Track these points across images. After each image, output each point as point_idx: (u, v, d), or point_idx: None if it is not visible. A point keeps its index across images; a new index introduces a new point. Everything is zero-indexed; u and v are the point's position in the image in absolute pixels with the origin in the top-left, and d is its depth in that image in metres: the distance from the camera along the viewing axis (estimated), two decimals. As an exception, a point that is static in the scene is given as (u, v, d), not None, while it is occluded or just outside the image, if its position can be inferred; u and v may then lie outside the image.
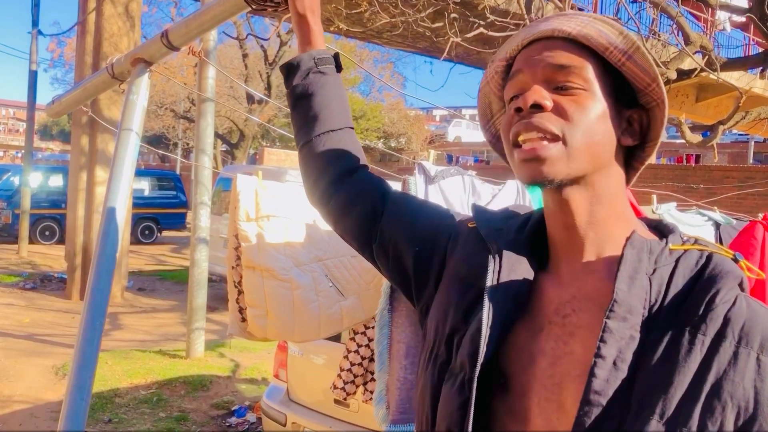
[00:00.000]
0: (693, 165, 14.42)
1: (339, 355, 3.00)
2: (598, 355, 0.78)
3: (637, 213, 2.76)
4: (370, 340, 2.85)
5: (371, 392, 2.88)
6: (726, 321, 0.77)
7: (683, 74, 6.77)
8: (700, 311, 0.78)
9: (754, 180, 11.72)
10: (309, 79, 1.17)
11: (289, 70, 1.19)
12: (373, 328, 2.85)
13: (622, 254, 0.83)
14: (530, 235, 0.96)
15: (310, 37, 1.19)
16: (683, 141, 6.70)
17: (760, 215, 3.09)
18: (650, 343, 0.78)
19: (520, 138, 0.86)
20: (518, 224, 0.98)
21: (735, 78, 11.11)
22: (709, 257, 0.83)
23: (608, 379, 0.77)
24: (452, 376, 0.88)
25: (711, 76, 6.48)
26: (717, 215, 3.65)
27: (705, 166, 14.60)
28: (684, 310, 0.79)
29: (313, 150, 1.16)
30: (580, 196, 0.88)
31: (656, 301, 0.81)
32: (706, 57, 6.63)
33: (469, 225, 1.03)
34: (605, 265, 0.87)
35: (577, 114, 0.86)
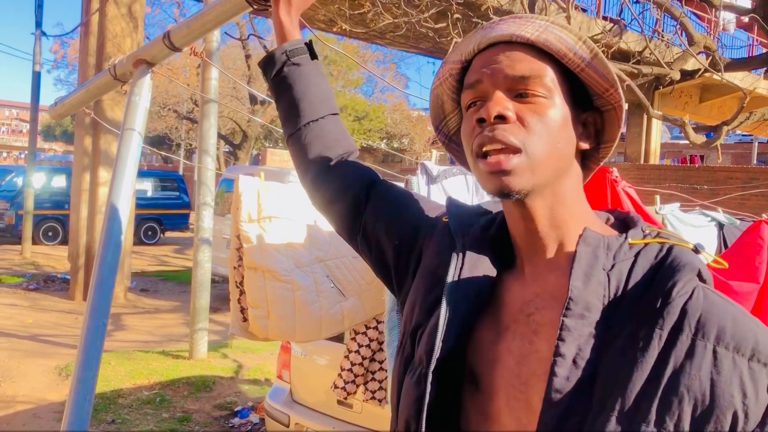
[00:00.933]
0: (697, 166, 14.40)
1: (342, 356, 3.00)
2: (557, 354, 0.78)
3: (643, 213, 2.74)
4: (371, 340, 2.86)
5: (372, 392, 2.88)
6: (683, 313, 0.77)
7: (687, 75, 6.76)
8: (658, 304, 0.78)
9: (758, 181, 11.68)
10: (284, 73, 1.18)
11: (266, 65, 1.21)
12: (373, 328, 2.86)
13: (575, 252, 0.83)
14: (496, 233, 0.96)
15: (282, 30, 1.21)
16: (687, 142, 6.68)
17: (765, 215, 3.08)
18: (609, 339, 0.78)
19: (485, 149, 0.86)
20: (486, 222, 0.98)
21: (739, 78, 11.09)
22: (669, 249, 0.83)
23: (569, 377, 0.77)
24: (412, 370, 0.90)
25: (715, 76, 6.47)
26: (720, 215, 3.64)
27: (709, 166, 14.58)
28: (642, 304, 0.79)
29: (298, 142, 1.18)
30: (542, 203, 0.88)
31: (615, 296, 0.81)
32: (710, 57, 6.62)
33: (444, 219, 1.04)
34: (566, 262, 0.87)
35: (538, 124, 0.85)
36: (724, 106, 15.44)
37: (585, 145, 0.92)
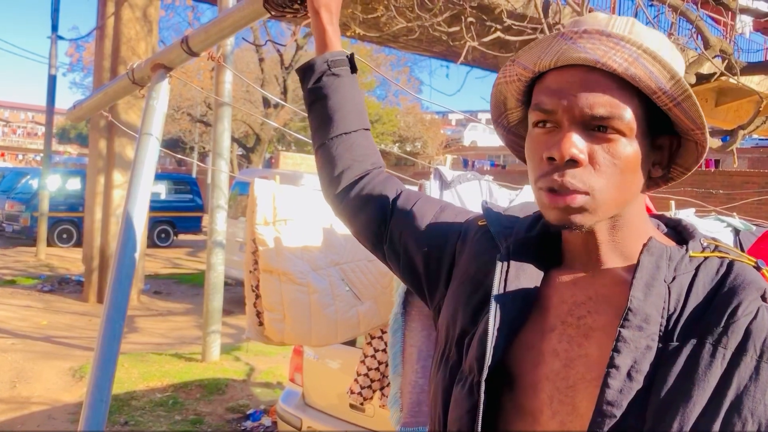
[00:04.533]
0: (712, 170, 14.26)
1: (355, 360, 3.00)
2: (611, 365, 0.76)
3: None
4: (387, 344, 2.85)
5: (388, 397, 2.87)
6: (747, 334, 0.74)
7: (702, 78, 6.71)
8: (722, 323, 0.75)
9: (774, 185, 11.57)
10: (323, 82, 1.18)
11: (305, 72, 1.21)
12: (389, 332, 2.85)
13: (639, 261, 0.81)
14: (541, 232, 0.94)
15: (325, 38, 1.20)
16: (702, 146, 6.60)
17: (782, 221, 3.04)
18: (668, 354, 0.76)
19: (551, 188, 0.83)
20: (528, 222, 0.97)
21: (755, 82, 11.00)
22: (731, 265, 0.81)
23: (622, 390, 0.75)
24: (462, 379, 0.88)
25: (731, 80, 6.42)
26: (736, 221, 3.60)
27: (725, 171, 14.43)
28: (705, 321, 0.76)
29: (327, 152, 1.18)
30: (603, 228, 0.87)
31: (675, 310, 0.78)
32: (726, 61, 6.57)
33: (479, 223, 1.03)
34: (625, 270, 0.85)
35: (610, 168, 0.82)
36: (741, 109, 15.29)
37: (657, 173, 0.89)
